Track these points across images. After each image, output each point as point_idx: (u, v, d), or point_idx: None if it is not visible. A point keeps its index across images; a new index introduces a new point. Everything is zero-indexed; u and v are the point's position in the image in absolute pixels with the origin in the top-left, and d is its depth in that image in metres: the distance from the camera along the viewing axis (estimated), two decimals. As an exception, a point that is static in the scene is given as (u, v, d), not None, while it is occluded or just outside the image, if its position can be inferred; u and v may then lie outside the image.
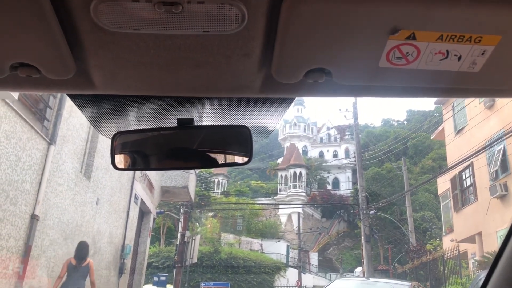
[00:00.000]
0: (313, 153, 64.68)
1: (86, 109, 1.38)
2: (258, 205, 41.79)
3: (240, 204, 38.13)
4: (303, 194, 50.22)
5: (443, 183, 20.55)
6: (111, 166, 1.42)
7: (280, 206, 44.49)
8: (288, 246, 37.77)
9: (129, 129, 1.44)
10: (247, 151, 1.36)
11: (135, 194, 12.37)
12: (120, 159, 1.41)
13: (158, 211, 18.11)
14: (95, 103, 1.35)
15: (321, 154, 64.13)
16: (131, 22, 0.85)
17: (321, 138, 66.92)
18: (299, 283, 29.19)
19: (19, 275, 7.03)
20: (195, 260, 18.40)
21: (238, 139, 1.39)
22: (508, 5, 0.83)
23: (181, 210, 20.59)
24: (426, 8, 0.82)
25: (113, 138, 1.39)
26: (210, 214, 33.88)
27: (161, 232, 32.04)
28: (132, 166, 1.49)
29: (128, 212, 11.73)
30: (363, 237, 17.72)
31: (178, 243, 18.74)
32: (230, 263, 28.16)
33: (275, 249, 34.40)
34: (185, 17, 0.83)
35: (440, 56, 0.93)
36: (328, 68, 0.97)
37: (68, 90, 1.17)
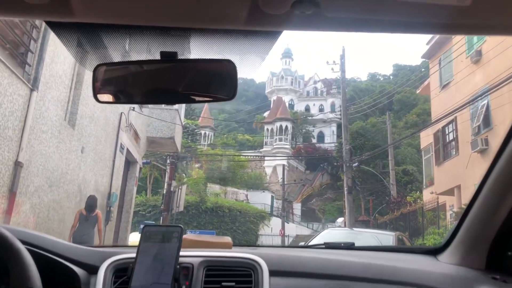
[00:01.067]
0: (299, 106, 64.71)
1: (66, 38, 1.30)
2: (244, 157, 42.10)
3: (226, 156, 38.44)
4: (288, 147, 50.75)
5: (426, 137, 20.89)
6: (96, 114, 1.46)
7: (266, 158, 44.93)
8: (272, 197, 38.57)
9: (111, 61, 1.38)
10: (232, 86, 1.33)
11: (121, 144, 12.31)
12: (102, 92, 1.38)
13: (145, 161, 18.15)
14: (76, 32, 1.28)
15: (307, 108, 64.19)
16: None
17: (308, 92, 66.72)
18: (282, 232, 30.06)
19: (3, 220, 7.08)
20: (181, 208, 18.70)
21: (223, 74, 1.35)
22: None
23: (168, 161, 20.68)
24: None
25: (95, 70, 1.35)
26: (197, 165, 34.10)
27: (147, 182, 32.27)
28: (114, 99, 1.45)
29: (113, 161, 11.71)
30: (345, 188, 18.13)
31: (164, 192, 18.96)
32: (216, 212, 28.74)
33: (260, 200, 35.11)
34: None
35: None
36: None
37: (46, 16, 1.10)
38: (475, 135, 15.36)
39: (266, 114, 58.62)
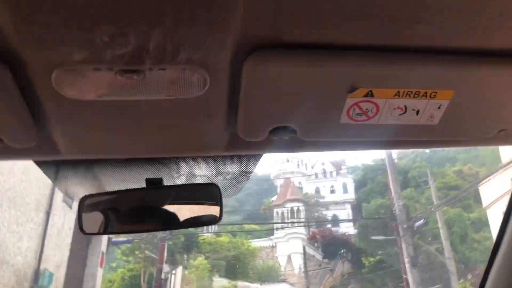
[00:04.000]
0: (309, 188, 60.59)
1: (53, 174, 1.37)
2: (254, 245, 36.77)
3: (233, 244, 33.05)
4: (304, 233, 45.76)
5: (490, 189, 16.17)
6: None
7: (278, 246, 40.03)
8: (291, 289, 32.50)
9: (97, 191, 1.43)
10: (218, 209, 1.38)
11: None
12: (88, 223, 1.41)
13: (124, 239, 13.22)
14: (61, 169, 1.34)
15: (317, 190, 60.15)
16: (93, 90, 0.85)
17: (316, 174, 63.07)
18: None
19: None
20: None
21: (208, 198, 1.40)
22: (458, 62, 0.89)
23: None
24: (382, 67, 0.87)
25: (80, 201, 1.37)
26: (200, 257, 28.37)
27: (142, 279, 26.45)
28: (101, 230, 1.47)
29: (48, 213, 6.92)
30: (406, 260, 12.95)
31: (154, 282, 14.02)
32: (227, 312, 22.84)
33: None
34: (147, 83, 0.84)
35: (399, 111, 0.97)
36: (292, 125, 1.01)
37: (33, 157, 1.18)
38: None
39: (274, 198, 54.27)
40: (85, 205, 1.37)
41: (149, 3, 0.71)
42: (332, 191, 58.11)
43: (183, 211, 1.41)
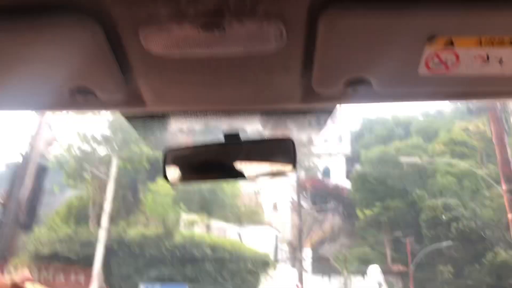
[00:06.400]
0: (301, 138, 56.26)
1: (139, 127, 1.49)
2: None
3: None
4: (293, 180, 41.57)
5: None
6: None
7: (264, 192, 35.80)
8: (277, 236, 27.72)
9: (179, 144, 1.53)
10: (292, 162, 1.46)
11: None
12: (171, 173, 1.53)
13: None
14: (146, 121, 1.41)
15: (310, 140, 55.78)
16: (176, 44, 0.91)
17: (309, 121, 58.68)
18: None
19: None
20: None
21: (283, 151, 1.47)
22: None
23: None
24: (463, 14, 0.85)
25: (164, 154, 1.50)
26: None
27: (91, 207, 21.30)
28: (182, 179, 1.65)
29: None
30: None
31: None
32: (191, 253, 17.76)
33: (259, 240, 24.18)
34: (227, 38, 0.89)
35: (481, 60, 0.94)
36: (367, 76, 1.01)
37: (120, 109, 1.29)
38: None
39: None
40: (168, 157, 1.49)
41: None
42: (326, 141, 53.88)
43: (257, 163, 1.50)
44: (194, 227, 20.08)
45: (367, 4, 0.83)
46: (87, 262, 16.74)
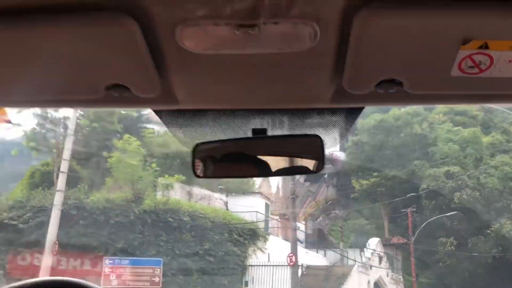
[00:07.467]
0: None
1: (170, 123, 1.48)
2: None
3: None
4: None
5: None
6: None
7: None
8: (267, 205, 25.63)
9: (208, 140, 1.53)
10: (319, 159, 1.46)
11: None
12: (200, 168, 1.54)
13: None
14: (178, 118, 1.44)
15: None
16: (212, 44, 0.93)
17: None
18: (293, 259, 16.96)
19: None
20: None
21: (311, 148, 1.46)
22: None
23: None
24: (498, 18, 0.86)
25: (193, 149, 1.49)
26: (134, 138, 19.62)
27: (55, 174, 18.82)
28: (211, 174, 1.69)
29: None
30: None
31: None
32: (165, 221, 15.46)
33: (248, 209, 22.00)
34: (261, 37, 0.90)
35: None
36: (399, 78, 1.02)
37: (154, 106, 1.32)
38: None
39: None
40: (198, 151, 1.48)
41: None
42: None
43: (286, 159, 1.51)
44: (169, 192, 17.44)
45: (401, 6, 0.83)
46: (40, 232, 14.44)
